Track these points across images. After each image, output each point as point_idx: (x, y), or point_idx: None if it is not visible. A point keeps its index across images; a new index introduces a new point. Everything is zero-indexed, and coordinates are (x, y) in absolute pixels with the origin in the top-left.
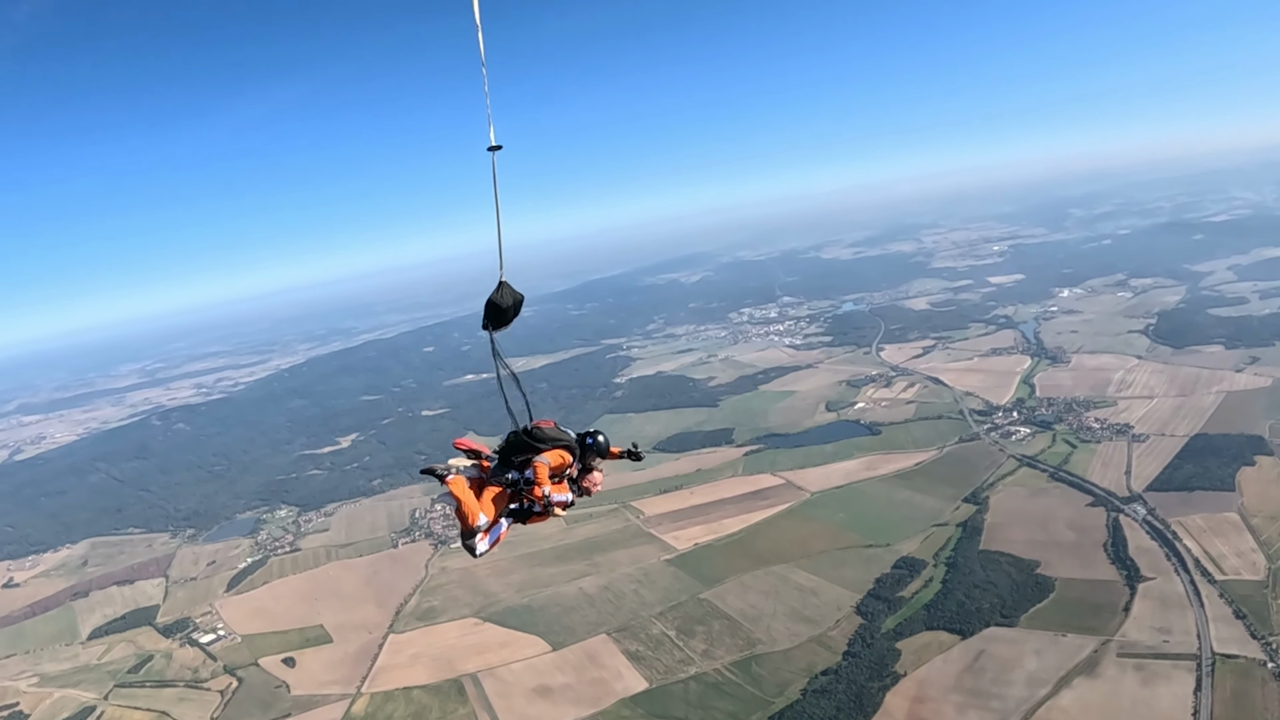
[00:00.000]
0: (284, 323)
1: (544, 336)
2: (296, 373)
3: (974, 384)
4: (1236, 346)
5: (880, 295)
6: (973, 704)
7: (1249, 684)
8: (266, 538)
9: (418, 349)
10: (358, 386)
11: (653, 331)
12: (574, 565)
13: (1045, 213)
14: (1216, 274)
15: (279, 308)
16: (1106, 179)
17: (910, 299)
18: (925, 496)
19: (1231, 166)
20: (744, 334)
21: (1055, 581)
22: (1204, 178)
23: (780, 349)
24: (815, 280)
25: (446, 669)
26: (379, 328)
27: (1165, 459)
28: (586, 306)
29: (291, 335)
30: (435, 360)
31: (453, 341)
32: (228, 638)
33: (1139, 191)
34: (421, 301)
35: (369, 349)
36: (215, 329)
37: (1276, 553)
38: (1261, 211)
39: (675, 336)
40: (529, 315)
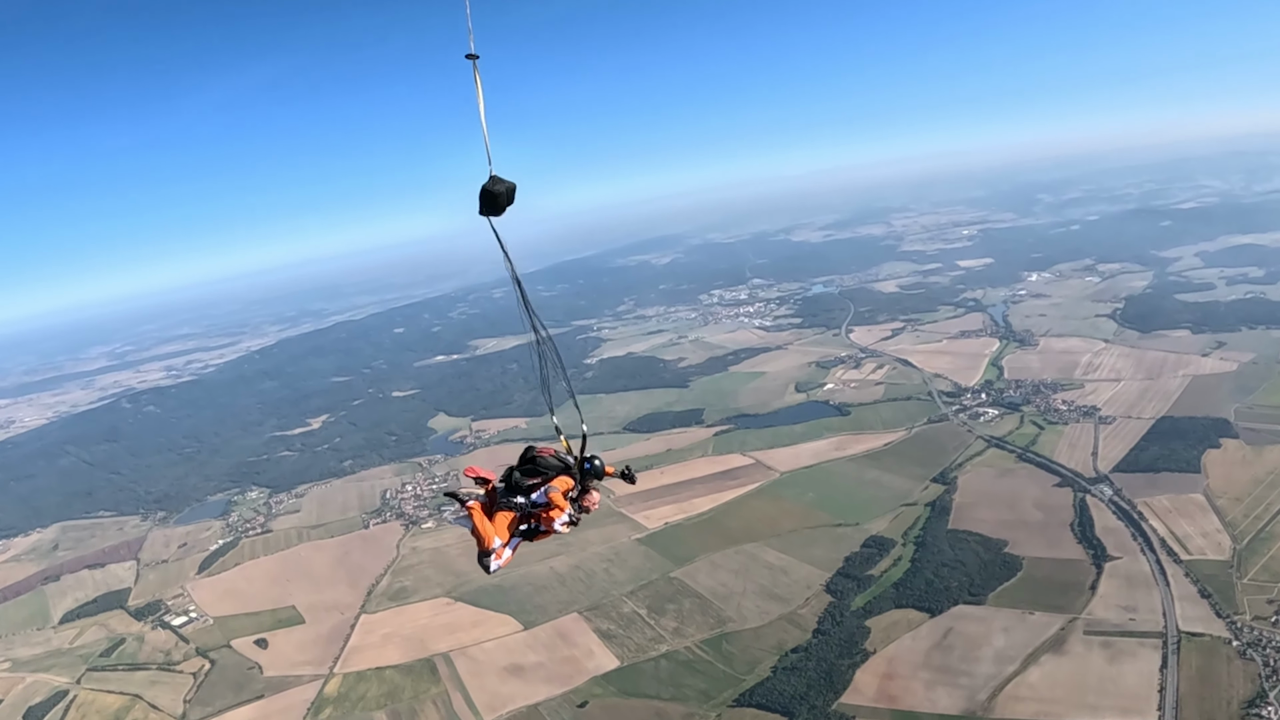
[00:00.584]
0: (254, 305)
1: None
2: (267, 354)
3: (943, 366)
4: (1203, 331)
5: (850, 278)
6: (941, 681)
7: (1214, 661)
8: (238, 519)
9: (388, 330)
10: (328, 368)
11: (623, 313)
12: (545, 545)
13: (1014, 198)
14: (1184, 260)
15: (249, 290)
16: (1075, 166)
17: (880, 282)
18: (894, 476)
19: (1200, 155)
20: (714, 315)
21: (1023, 560)
22: (1172, 166)
23: (750, 330)
24: (785, 263)
25: (419, 648)
26: (349, 309)
27: (1132, 441)
28: (557, 288)
29: (262, 317)
30: (406, 341)
31: (423, 323)
32: (200, 620)
33: (1108, 178)
34: (392, 283)
35: (339, 330)
36: (185, 311)
37: (1241, 533)
38: (1229, 200)
39: (646, 318)
40: (499, 296)
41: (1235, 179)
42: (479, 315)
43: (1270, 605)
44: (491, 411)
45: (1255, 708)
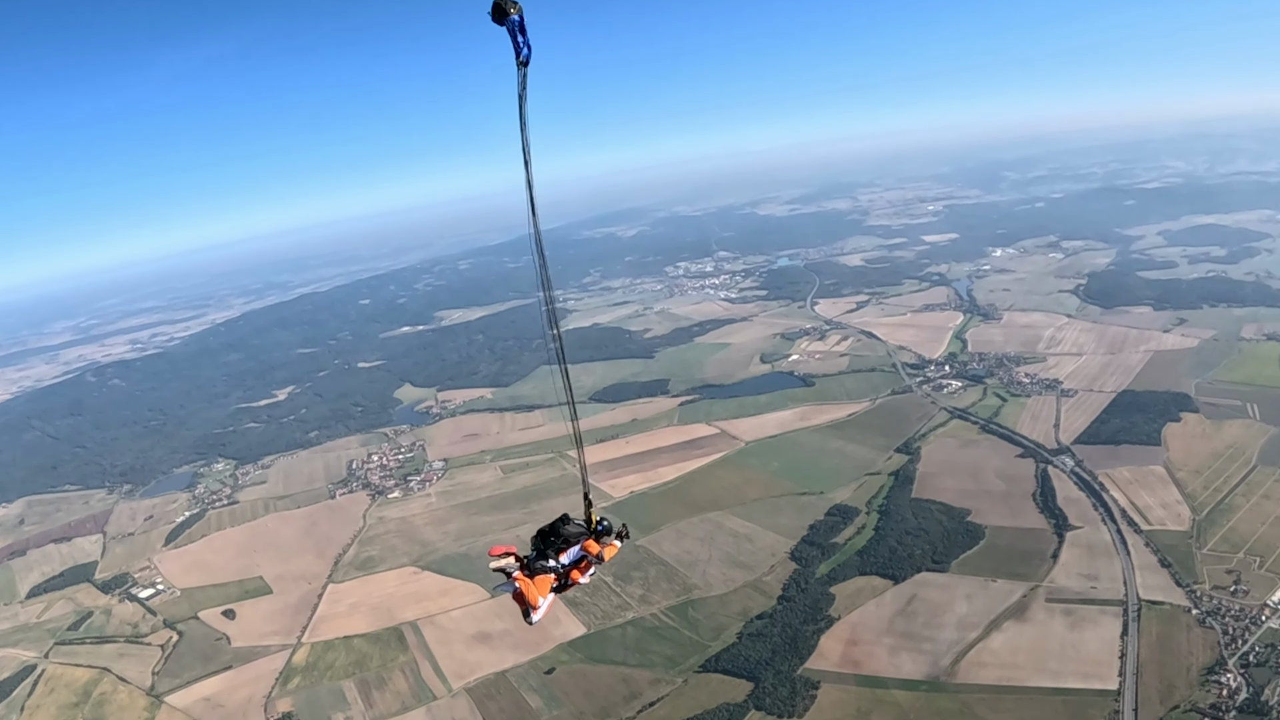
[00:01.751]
0: (219, 277)
1: (480, 289)
2: (232, 327)
3: (907, 338)
4: (1165, 308)
5: (815, 251)
6: (905, 646)
7: (1174, 629)
8: (204, 491)
9: (353, 302)
10: (294, 340)
11: (589, 285)
12: (511, 513)
13: (980, 175)
14: (1147, 239)
15: (214, 263)
16: (1041, 144)
17: (845, 255)
18: (858, 446)
19: (1164, 137)
20: (680, 288)
21: (985, 529)
22: (1137, 146)
23: (715, 302)
24: (751, 236)
25: (386, 617)
26: (314, 281)
27: (1093, 413)
28: (522, 260)
29: (227, 290)
30: (371, 313)
31: (388, 294)
32: (167, 592)
33: (1073, 158)
34: (357, 255)
35: (304, 303)
36: (149, 284)
37: (1200, 505)
38: (1192, 180)
39: (611, 290)
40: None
41: (1199, 160)
42: (444, 287)
43: (1229, 575)
44: (457, 382)
45: (1215, 675)
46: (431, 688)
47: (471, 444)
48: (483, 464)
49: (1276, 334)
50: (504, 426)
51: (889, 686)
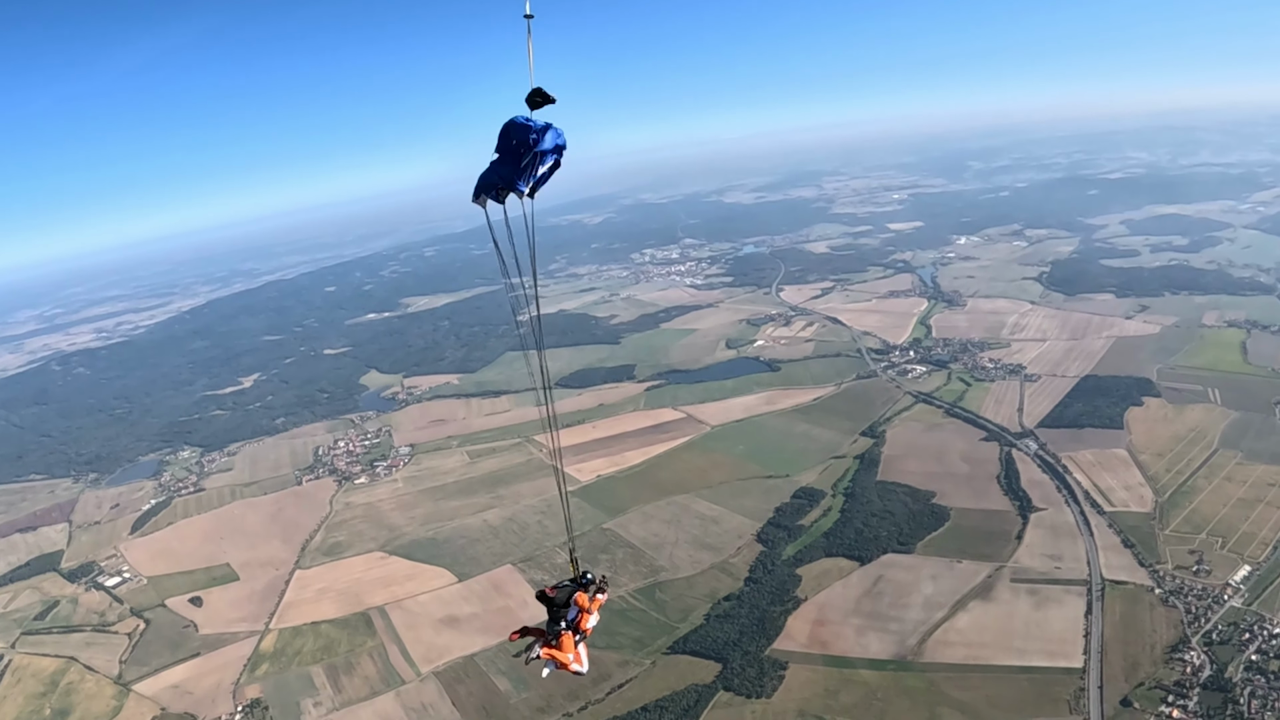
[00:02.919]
0: (184, 265)
1: (446, 276)
2: (198, 315)
3: (872, 324)
4: (1127, 295)
5: (781, 239)
6: (872, 626)
7: (1138, 608)
8: (170, 479)
9: (319, 289)
10: (259, 327)
11: (555, 271)
12: (478, 498)
13: (945, 164)
14: (1110, 228)
15: (179, 250)
16: (1006, 135)
17: (810, 243)
18: (823, 430)
19: (1128, 128)
20: (646, 274)
21: (950, 511)
22: (1101, 137)
23: (681, 289)
24: (717, 223)
25: (354, 602)
26: (280, 269)
27: (1056, 398)
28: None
29: (192, 278)
30: (337, 299)
31: (354, 281)
32: (133, 580)
33: (1037, 148)
34: (323, 242)
35: (270, 290)
36: (114, 273)
37: (1163, 487)
38: (1155, 171)
39: (578, 276)
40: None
41: (1162, 152)
42: (410, 274)
43: (1191, 555)
44: (423, 368)
45: (1178, 653)
46: (400, 672)
47: (438, 429)
48: (449, 449)
49: (1237, 321)
50: (470, 412)
51: (856, 666)
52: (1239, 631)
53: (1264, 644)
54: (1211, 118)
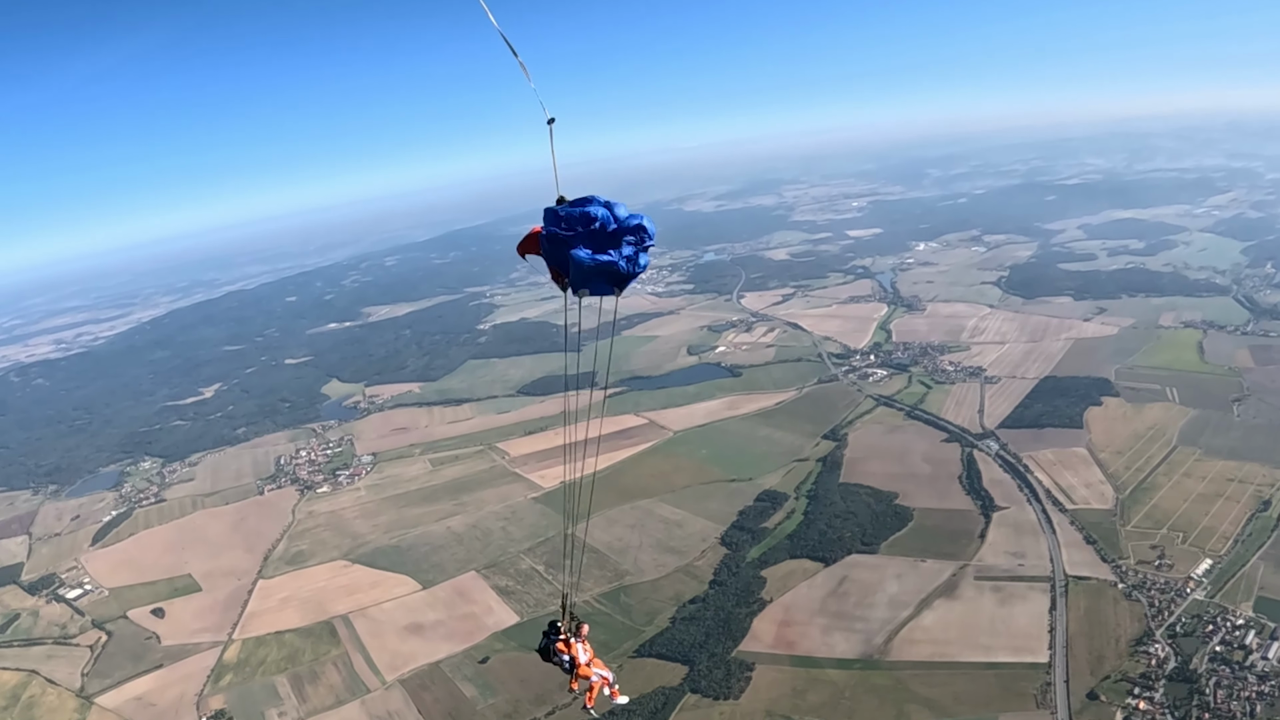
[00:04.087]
0: (144, 276)
1: (407, 285)
2: (158, 325)
3: (832, 329)
4: (1085, 298)
5: (741, 246)
6: (838, 626)
7: (1101, 603)
8: (131, 490)
9: (280, 299)
10: (220, 337)
11: (516, 279)
12: (441, 505)
13: (904, 171)
14: (1067, 232)
15: (139, 261)
16: (964, 142)
17: (771, 250)
18: (786, 433)
19: (1084, 135)
20: None
21: (913, 511)
22: (1058, 144)
23: (643, 296)
24: (678, 231)
25: (318, 611)
26: (241, 279)
27: (1017, 399)
28: (450, 255)
29: (152, 288)
30: (298, 309)
31: (315, 291)
32: (95, 592)
33: (995, 155)
34: (284, 252)
35: (231, 300)
36: (74, 283)
37: (1124, 484)
38: (1111, 177)
39: (539, 284)
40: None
41: (1118, 157)
42: (372, 283)
43: (1153, 550)
44: (385, 377)
45: (1143, 645)
46: (365, 680)
47: (400, 438)
48: (411, 457)
49: (1194, 321)
50: (432, 420)
51: (823, 666)
52: (1202, 624)
53: (1227, 635)
54: (1166, 124)
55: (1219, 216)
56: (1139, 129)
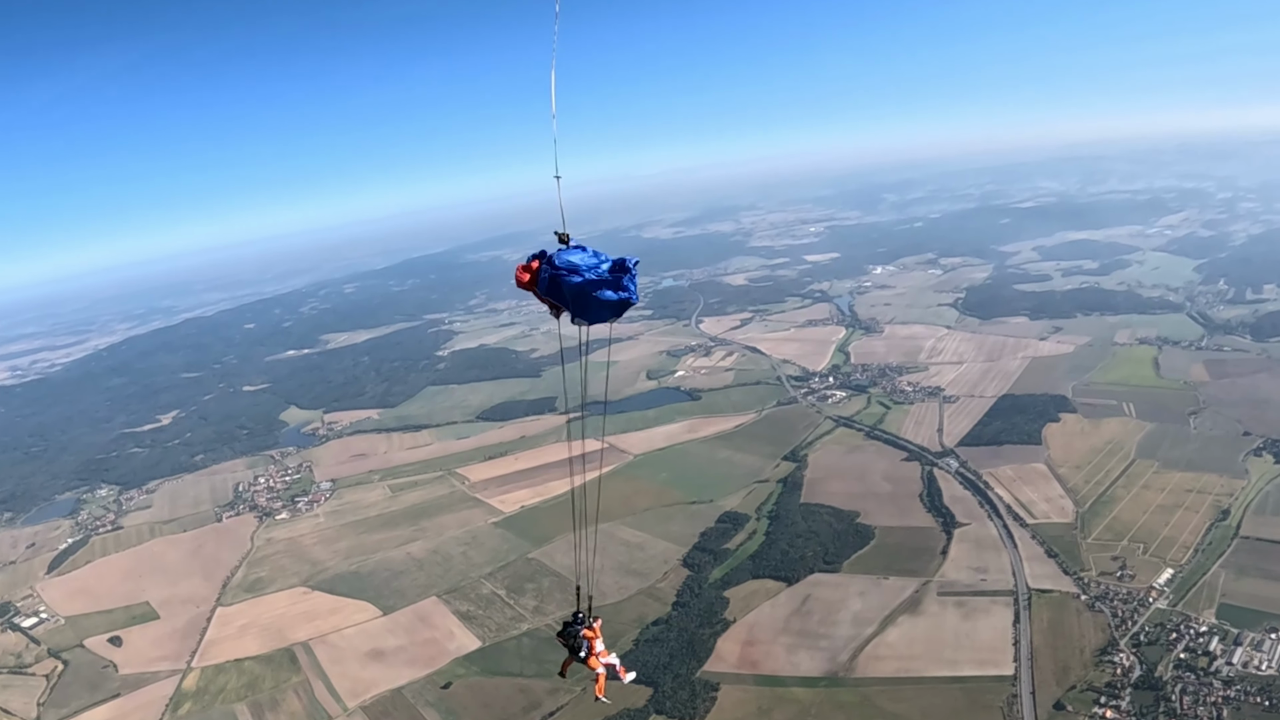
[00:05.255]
0: (101, 303)
1: (365, 311)
2: (115, 352)
3: (791, 352)
4: (1040, 318)
5: (699, 272)
6: (802, 644)
7: (1065, 614)
8: (87, 517)
9: (239, 326)
10: (178, 364)
11: (475, 307)
12: (401, 531)
13: (861, 197)
14: (1022, 254)
15: (97, 288)
16: (920, 168)
17: (729, 275)
18: (746, 455)
19: (1038, 159)
20: None
21: (875, 529)
22: (1012, 169)
23: None
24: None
25: (277, 638)
26: (199, 306)
27: (975, 417)
28: (408, 283)
29: (109, 315)
30: (256, 336)
31: (274, 318)
32: (50, 620)
33: (950, 179)
34: (242, 279)
35: (189, 327)
36: (29, 310)
37: (1083, 498)
38: (1065, 200)
39: (497, 311)
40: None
41: (1071, 180)
42: (330, 310)
43: (1114, 561)
44: (343, 404)
45: (1108, 655)
46: (326, 708)
47: (359, 464)
48: (371, 483)
49: (1149, 338)
50: (391, 446)
51: (788, 684)
52: (1166, 632)
53: (1191, 642)
54: (1119, 148)
55: (1171, 236)
56: (1091, 153)
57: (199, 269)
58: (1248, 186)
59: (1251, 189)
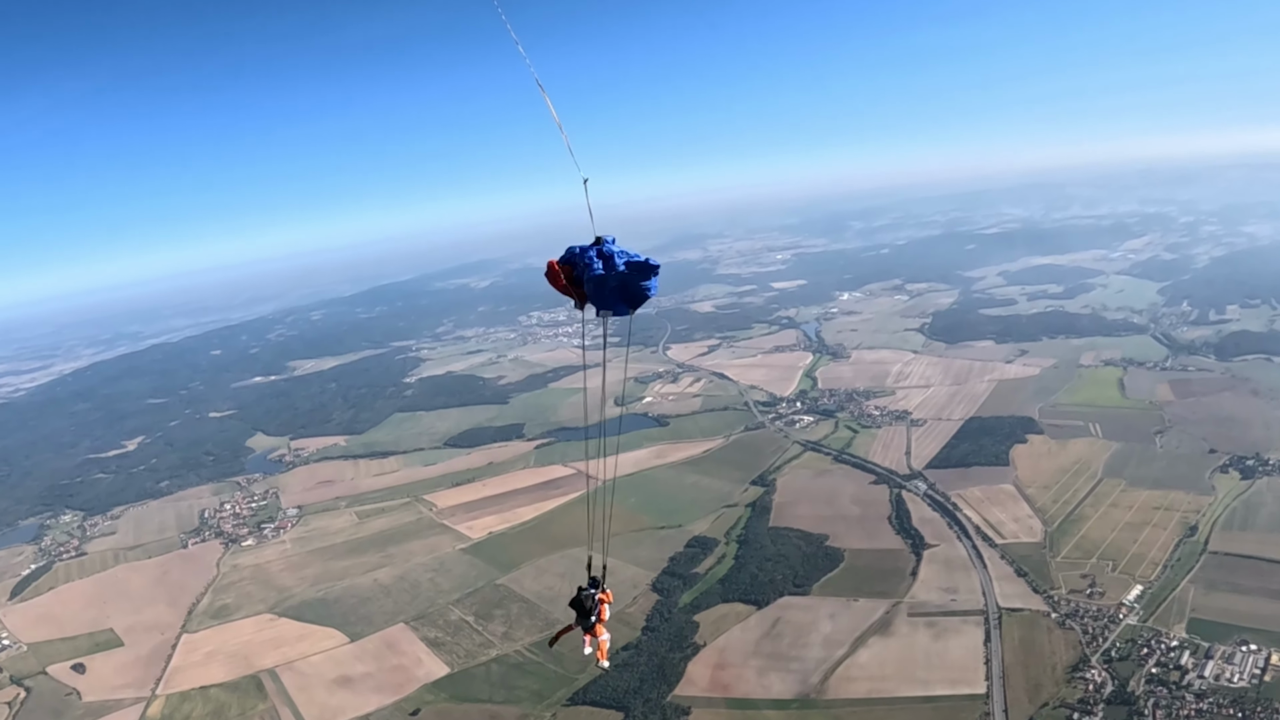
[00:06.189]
0: (68, 328)
1: (333, 339)
2: (80, 377)
3: (758, 378)
4: (1006, 341)
5: (667, 299)
6: (773, 667)
7: (1035, 632)
8: (51, 543)
9: (205, 352)
10: (144, 390)
11: (442, 334)
12: (368, 557)
13: (827, 224)
14: (987, 279)
15: (62, 313)
16: (885, 195)
17: (696, 303)
18: (714, 480)
19: (1002, 186)
20: (533, 335)
21: (844, 552)
22: (976, 195)
23: (569, 349)
24: None
25: (244, 665)
26: (165, 332)
27: (943, 440)
28: (376, 310)
29: (75, 340)
30: (223, 363)
31: (241, 344)
32: (13, 647)
33: (916, 206)
34: (209, 306)
35: (155, 353)
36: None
37: (1051, 517)
38: (1029, 225)
39: (465, 338)
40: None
41: (1035, 207)
42: (297, 337)
43: (1084, 579)
44: (310, 430)
45: (1079, 672)
46: None
47: (326, 490)
48: (337, 510)
49: (1114, 359)
50: (358, 473)
51: (760, 707)
52: (1137, 647)
53: (1162, 657)
54: (1082, 174)
55: (1135, 260)
56: (1055, 179)
57: (166, 295)
58: (1209, 210)
59: (1213, 213)
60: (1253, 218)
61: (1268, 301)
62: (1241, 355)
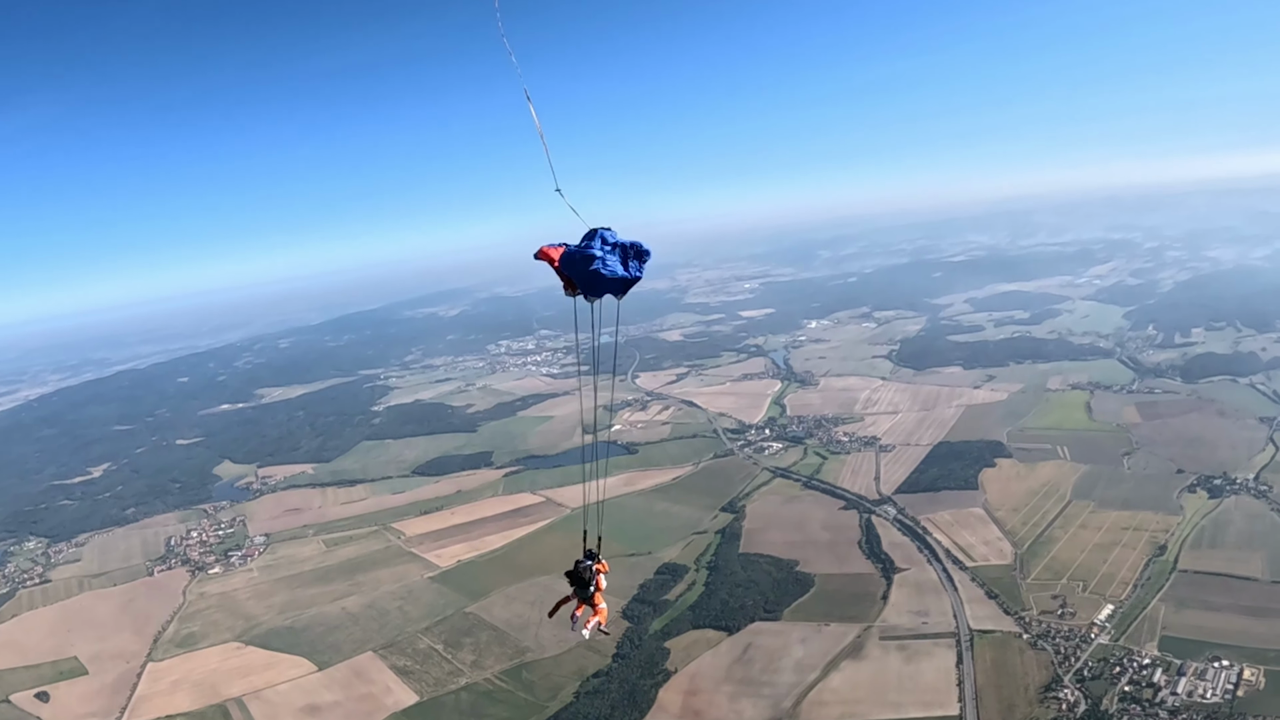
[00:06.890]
0: (34, 353)
1: (300, 367)
2: (46, 403)
3: (727, 405)
4: (974, 367)
5: (635, 328)
6: (745, 693)
7: (1008, 653)
8: (14, 570)
9: (172, 379)
10: (110, 416)
11: (411, 362)
12: (336, 585)
13: (795, 253)
14: (954, 306)
15: (28, 338)
16: (853, 224)
17: (664, 331)
18: (684, 507)
19: (968, 214)
20: (502, 364)
21: (815, 577)
22: (943, 224)
23: (537, 378)
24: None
25: (210, 694)
26: (133, 358)
27: (912, 465)
28: (344, 338)
29: (41, 366)
30: (190, 390)
31: (208, 372)
32: None
33: (883, 235)
34: (177, 333)
35: (122, 379)
36: None
37: (1021, 540)
38: (995, 253)
39: (434, 367)
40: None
41: (1001, 234)
42: (265, 364)
43: (1055, 600)
44: (278, 458)
45: (1053, 691)
46: None
47: (293, 518)
48: (305, 538)
49: (1080, 383)
50: (326, 501)
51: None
52: (1109, 666)
53: (1135, 675)
54: (1047, 201)
55: (1100, 285)
56: (1020, 207)
57: (132, 321)
58: (1174, 236)
59: (1177, 238)
60: (1216, 242)
61: (1232, 324)
62: (1207, 377)
